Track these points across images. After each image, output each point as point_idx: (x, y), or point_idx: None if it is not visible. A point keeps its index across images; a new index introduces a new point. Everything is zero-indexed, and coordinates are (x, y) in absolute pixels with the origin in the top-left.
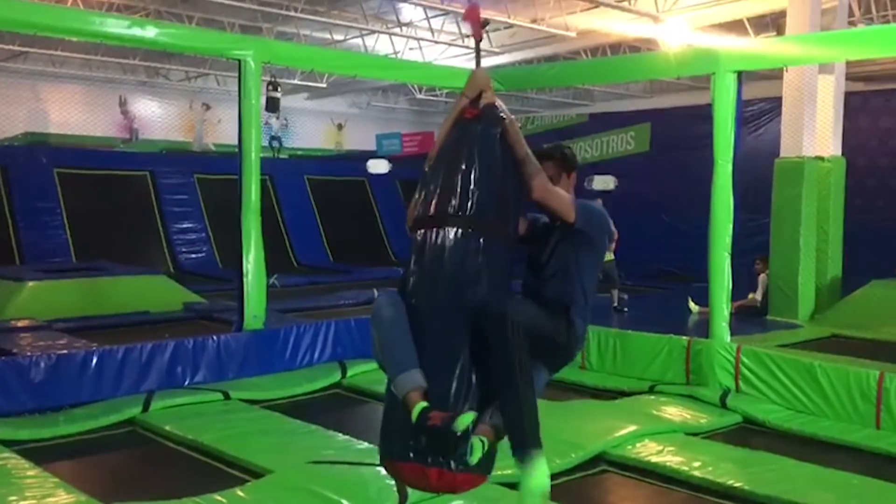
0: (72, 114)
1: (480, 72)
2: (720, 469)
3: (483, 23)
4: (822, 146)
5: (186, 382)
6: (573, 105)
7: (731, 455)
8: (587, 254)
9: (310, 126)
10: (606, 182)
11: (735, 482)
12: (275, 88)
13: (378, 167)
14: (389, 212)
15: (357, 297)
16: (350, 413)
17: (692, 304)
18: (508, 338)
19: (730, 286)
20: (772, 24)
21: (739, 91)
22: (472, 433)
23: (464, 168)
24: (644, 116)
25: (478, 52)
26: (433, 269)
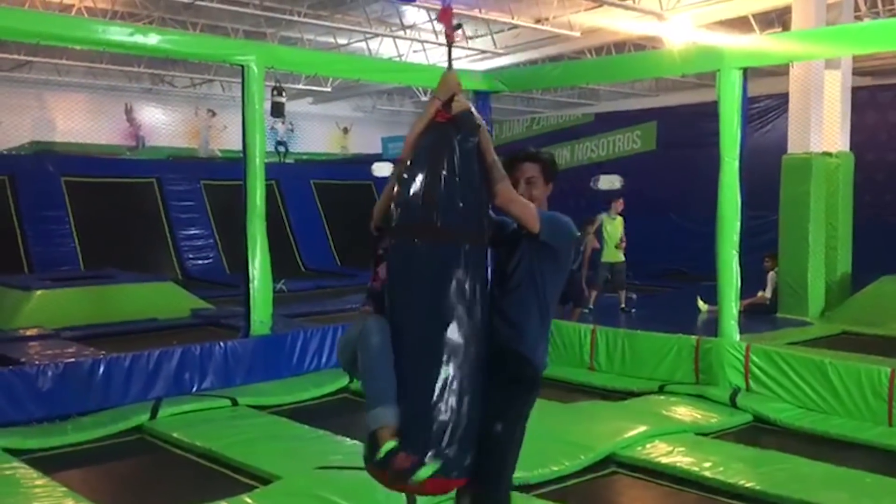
0: (78, 122)
1: (452, 74)
2: (731, 469)
3: (455, 25)
4: (830, 142)
5: (194, 389)
6: (579, 105)
7: (742, 455)
8: (550, 267)
9: (315, 130)
10: (613, 181)
11: (746, 482)
12: (280, 93)
13: (384, 170)
14: None
15: (364, 301)
16: (358, 418)
17: (701, 303)
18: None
19: (739, 284)
20: (777, 20)
21: (745, 88)
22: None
23: (446, 177)
24: (650, 115)
25: (450, 55)
26: (417, 281)
